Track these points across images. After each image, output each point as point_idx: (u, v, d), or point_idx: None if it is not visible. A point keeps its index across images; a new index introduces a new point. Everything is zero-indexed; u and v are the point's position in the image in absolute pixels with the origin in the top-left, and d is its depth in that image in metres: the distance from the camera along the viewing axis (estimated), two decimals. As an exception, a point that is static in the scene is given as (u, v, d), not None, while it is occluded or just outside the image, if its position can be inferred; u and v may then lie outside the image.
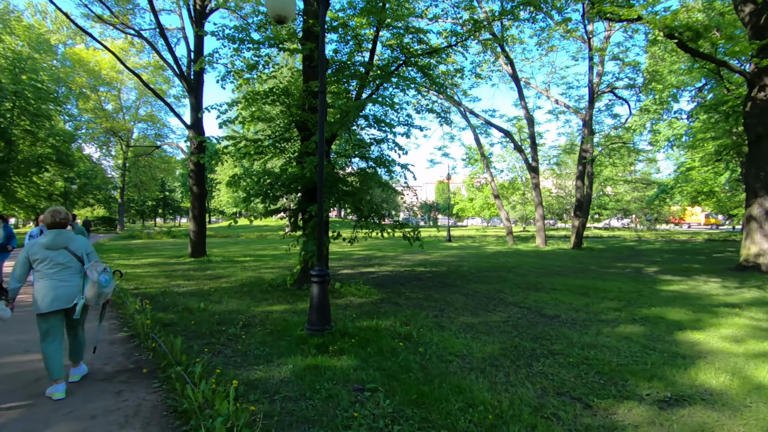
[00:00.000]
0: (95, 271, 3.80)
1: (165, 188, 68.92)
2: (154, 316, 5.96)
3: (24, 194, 34.51)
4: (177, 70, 15.48)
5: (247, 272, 11.82)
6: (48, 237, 3.75)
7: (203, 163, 13.81)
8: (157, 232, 33.74)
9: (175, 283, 9.83)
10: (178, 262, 14.53)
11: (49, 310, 3.61)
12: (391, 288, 9.40)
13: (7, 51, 32.00)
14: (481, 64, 19.61)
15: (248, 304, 7.44)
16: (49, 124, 34.80)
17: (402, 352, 4.72)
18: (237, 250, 19.86)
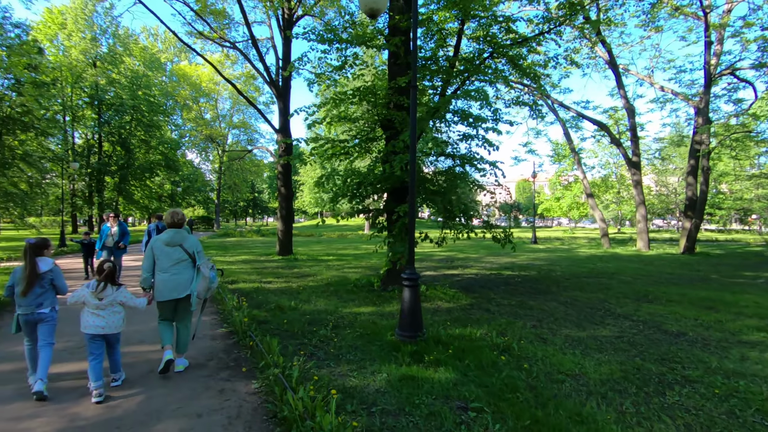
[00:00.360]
0: (207, 268, 4.29)
1: (254, 190, 74.13)
2: (250, 314, 6.13)
3: (139, 196, 39.12)
4: (267, 78, 16.32)
5: (331, 271, 12.02)
6: (167, 235, 4.22)
7: (291, 164, 14.35)
8: (248, 231, 36.26)
9: (266, 281, 10.25)
10: (267, 260, 15.29)
11: (164, 299, 4.17)
12: (479, 293, 8.89)
13: (127, 71, 36.46)
14: (573, 52, 18.06)
15: (336, 304, 7.44)
16: (159, 134, 39.07)
17: (504, 368, 4.28)
18: (320, 249, 20.49)
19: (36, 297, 3.71)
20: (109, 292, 3.75)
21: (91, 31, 33.77)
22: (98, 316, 3.69)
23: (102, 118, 34.72)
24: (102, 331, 3.68)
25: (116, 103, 34.33)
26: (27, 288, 3.66)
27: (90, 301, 3.69)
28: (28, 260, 3.72)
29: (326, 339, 5.30)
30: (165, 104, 39.76)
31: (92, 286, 3.75)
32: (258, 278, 10.66)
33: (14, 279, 3.78)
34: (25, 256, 3.74)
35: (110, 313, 3.74)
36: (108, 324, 3.71)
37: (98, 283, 3.75)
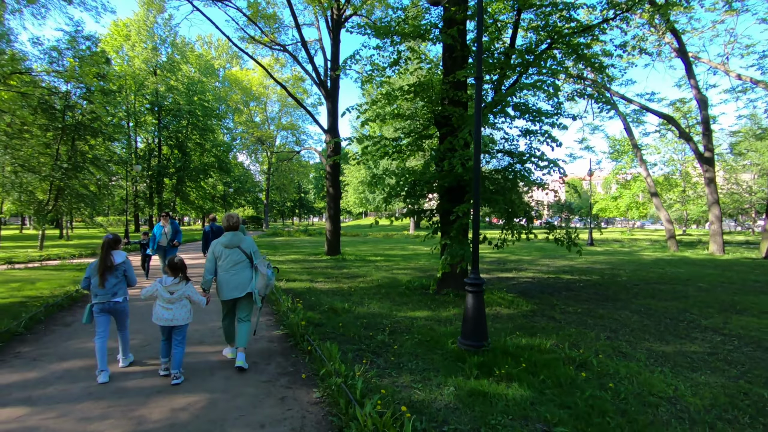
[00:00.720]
0: (264, 267, 4.49)
1: (301, 190, 75.86)
2: (305, 316, 6.03)
3: (194, 197, 41.03)
4: (316, 79, 16.44)
5: (380, 272, 11.84)
6: (226, 237, 4.45)
7: (339, 164, 14.34)
8: (295, 230, 37.03)
9: (317, 281, 10.23)
10: (316, 260, 15.39)
11: (227, 298, 4.41)
12: (539, 298, 8.35)
13: (184, 78, 38.35)
14: (639, 41, 16.76)
15: (389, 307, 7.21)
16: (212, 137, 40.79)
17: (586, 386, 3.84)
18: (367, 249, 20.43)
19: (112, 287, 4.09)
20: (179, 286, 4.07)
21: (152, 42, 35.80)
22: (168, 309, 4.00)
23: (161, 123, 36.73)
24: (170, 323, 3.99)
25: (174, 109, 36.20)
26: (103, 278, 4.03)
27: (162, 295, 4.01)
28: (105, 253, 4.09)
29: (384, 345, 5.07)
30: (218, 108, 41.45)
31: (165, 281, 4.06)
32: (309, 278, 10.67)
33: (90, 271, 4.12)
34: (103, 249, 4.11)
35: (179, 306, 4.05)
36: (176, 317, 4.01)
37: (172, 278, 4.08)
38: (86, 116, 19.07)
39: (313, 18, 18.81)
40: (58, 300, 7.12)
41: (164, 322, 3.98)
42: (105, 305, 4.08)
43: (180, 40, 38.95)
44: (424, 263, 14.47)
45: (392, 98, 8.22)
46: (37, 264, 13.31)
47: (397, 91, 8.25)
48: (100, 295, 4.05)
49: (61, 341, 5.20)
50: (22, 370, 4.21)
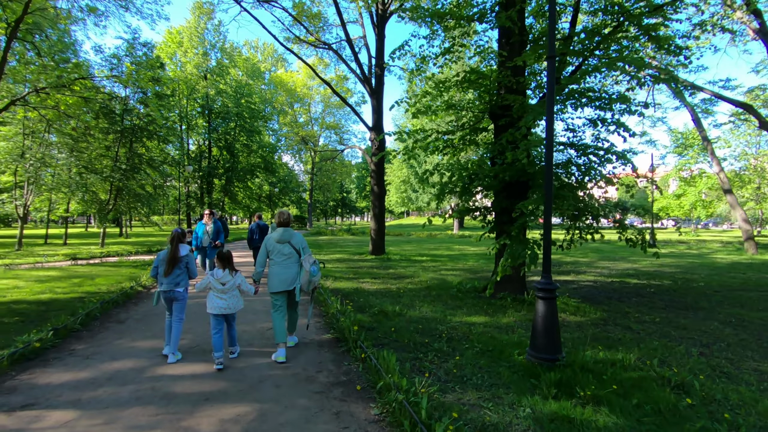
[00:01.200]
0: (308, 263, 4.61)
1: (343, 190, 76.63)
2: (356, 320, 5.70)
3: (242, 196, 42.26)
4: (360, 76, 16.21)
5: (428, 273, 11.38)
6: (278, 233, 4.65)
7: (385, 160, 14.02)
8: (338, 230, 37.21)
9: (364, 281, 9.93)
10: (361, 259, 15.15)
11: (276, 290, 4.60)
12: (607, 304, 7.59)
13: (232, 82, 39.57)
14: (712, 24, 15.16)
15: (442, 311, 6.75)
16: (258, 138, 41.85)
17: (694, 416, 3.22)
18: (411, 249, 20.00)
19: (175, 277, 4.49)
20: (229, 277, 4.37)
21: (203, 47, 37.18)
22: (221, 299, 4.32)
23: (211, 126, 38.09)
24: (223, 311, 4.32)
25: (223, 111, 37.42)
26: (169, 268, 4.43)
27: (216, 287, 4.32)
28: (174, 245, 4.50)
29: (443, 354, 4.63)
30: (264, 110, 42.49)
31: (217, 274, 4.35)
32: (355, 278, 10.40)
33: (158, 261, 4.56)
34: (171, 243, 4.52)
35: (231, 296, 4.37)
36: (229, 305, 4.34)
37: (222, 270, 4.36)
38: (142, 120, 19.93)
39: (357, 15, 18.62)
40: (114, 296, 7.22)
41: (219, 311, 4.29)
42: (168, 293, 4.49)
43: (228, 45, 40.22)
44: (472, 264, 13.85)
45: (444, 88, 7.75)
46: (98, 260, 13.94)
47: (449, 81, 7.76)
48: (165, 283, 4.47)
49: (114, 338, 5.17)
50: (75, 369, 4.14)
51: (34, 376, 3.95)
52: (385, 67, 16.20)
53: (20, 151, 17.67)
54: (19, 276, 10.04)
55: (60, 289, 8.34)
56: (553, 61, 4.26)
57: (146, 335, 5.35)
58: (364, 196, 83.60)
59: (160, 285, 4.53)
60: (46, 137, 18.43)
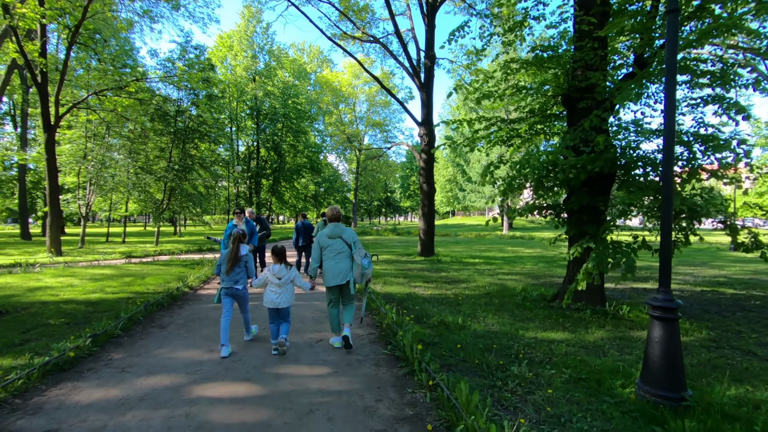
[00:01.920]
0: (360, 256, 4.72)
1: (387, 189, 76.28)
2: (416, 334, 4.99)
3: (288, 196, 42.86)
4: (409, 69, 15.51)
5: (484, 277, 10.47)
6: (329, 228, 4.80)
7: (434, 157, 13.22)
8: (383, 229, 36.71)
9: (416, 285, 9.21)
10: (409, 261, 14.44)
11: (331, 285, 4.74)
12: (708, 320, 6.39)
13: (279, 83, 40.17)
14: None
15: (511, 323, 5.89)
16: (304, 138, 42.27)
17: None
18: (461, 250, 19.03)
19: (235, 275, 4.72)
20: (285, 272, 4.60)
21: (252, 50, 37.98)
22: (275, 293, 4.55)
23: (259, 127, 38.85)
24: (277, 305, 4.53)
25: (270, 113, 38.06)
26: (230, 267, 4.66)
27: (272, 281, 4.56)
28: (234, 246, 4.71)
29: (526, 382, 3.80)
30: (310, 111, 42.88)
31: (273, 269, 4.62)
32: (406, 281, 9.70)
33: (221, 260, 4.82)
34: (233, 243, 4.74)
35: (285, 290, 4.59)
36: (282, 300, 4.55)
37: (279, 265, 4.62)
38: (194, 121, 20.33)
39: (405, 7, 17.96)
40: (159, 298, 6.95)
41: (272, 305, 4.53)
42: (229, 290, 4.71)
43: (276, 48, 40.89)
44: (531, 267, 12.73)
45: (511, 70, 6.86)
46: (151, 259, 14.17)
47: (516, 62, 6.86)
48: (226, 281, 4.70)
49: (154, 347, 4.77)
50: (108, 384, 3.72)
51: (64, 392, 3.55)
52: (435, 59, 15.39)
53: (83, 153, 18.49)
54: (75, 274, 10.19)
55: (111, 288, 8.26)
56: (675, 16, 3.32)
57: (187, 343, 4.92)
58: (408, 195, 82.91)
59: (222, 282, 4.78)
60: (106, 140, 19.21)
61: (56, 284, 8.77)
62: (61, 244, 15.45)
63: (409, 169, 79.30)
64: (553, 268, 12.46)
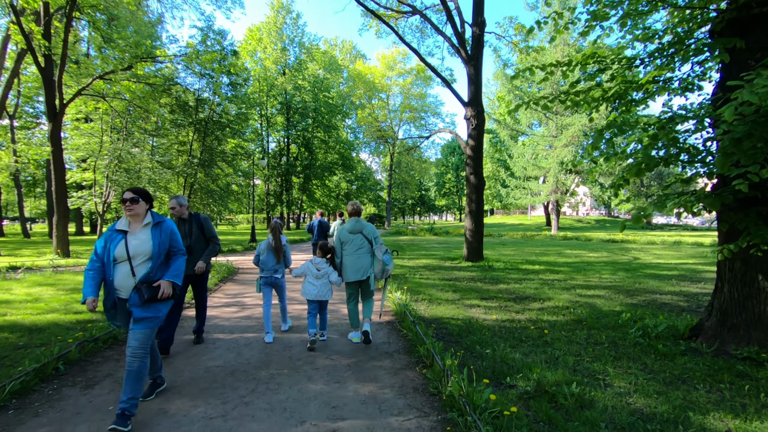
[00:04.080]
0: (381, 252, 4.78)
1: (421, 188, 73.80)
2: (481, 392, 2.69)
3: (319, 194, 41.27)
4: (456, 42, 13.16)
5: (559, 292, 7.98)
6: (350, 223, 4.88)
7: (483, 143, 10.83)
8: (419, 229, 34.32)
9: (472, 304, 6.89)
10: (454, 266, 12.10)
11: (350, 280, 4.79)
12: None
13: (310, 77, 38.61)
14: None
15: (658, 392, 3.46)
16: (336, 134, 40.53)
17: None
18: (512, 254, 16.43)
19: (275, 264, 4.99)
20: (324, 266, 4.76)
21: (281, 42, 36.57)
22: (314, 285, 4.68)
23: (290, 122, 37.42)
24: (315, 297, 4.68)
25: (301, 107, 36.54)
26: (278, 256, 4.97)
27: (312, 271, 4.71)
28: (276, 235, 5.00)
29: None
30: (342, 106, 41.14)
31: (315, 260, 4.76)
32: (457, 298, 7.38)
33: (260, 250, 5.04)
34: (274, 233, 5.01)
35: (322, 284, 4.72)
36: (320, 292, 4.69)
37: (321, 258, 4.77)
38: (215, 111, 18.78)
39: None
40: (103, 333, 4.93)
41: (311, 297, 4.66)
42: (269, 279, 4.96)
43: (306, 39, 39.36)
44: (611, 278, 10.06)
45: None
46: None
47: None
48: (266, 270, 4.96)
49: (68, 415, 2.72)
50: None
51: None
52: (484, 26, 12.93)
53: (98, 147, 17.28)
54: (58, 282, 8.54)
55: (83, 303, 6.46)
56: None
57: (106, 428, 2.83)
58: (443, 194, 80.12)
59: (261, 272, 4.96)
60: (123, 133, 17.94)
61: (22, 297, 7.09)
62: (69, 245, 14.13)
63: (444, 167, 76.51)
64: (642, 280, 9.75)
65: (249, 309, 6.51)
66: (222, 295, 7.62)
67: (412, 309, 6.01)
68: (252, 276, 10.42)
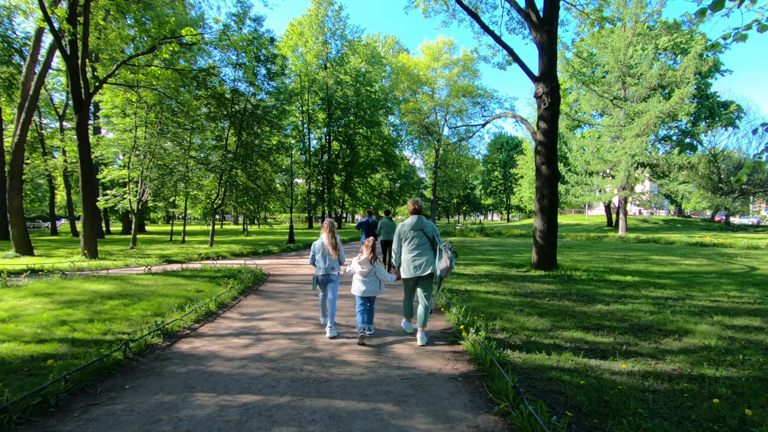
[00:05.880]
0: (445, 249, 4.64)
1: (467, 186, 70.84)
2: None
3: (361, 193, 39.74)
4: (522, 3, 10.93)
5: (691, 320, 5.68)
6: (411, 220, 4.85)
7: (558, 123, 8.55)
8: (468, 230, 31.89)
9: (573, 338, 4.82)
10: (523, 275, 9.92)
11: (408, 276, 4.80)
12: None
13: (352, 70, 37.15)
14: None
15: None
16: (378, 130, 38.83)
17: None
18: (586, 259, 13.90)
19: (331, 262, 5.04)
20: (370, 264, 4.84)
21: (323, 35, 35.35)
22: (363, 282, 4.83)
23: (331, 118, 36.15)
24: (365, 293, 4.82)
25: (343, 102, 35.15)
26: (335, 252, 5.01)
27: (358, 269, 4.87)
28: (331, 234, 5.05)
29: None
30: (384, 100, 39.41)
31: (360, 258, 4.87)
32: (548, 327, 5.30)
33: (314, 250, 5.14)
34: (329, 232, 5.05)
35: (371, 281, 4.86)
36: (369, 289, 4.82)
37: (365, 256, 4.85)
38: (249, 100, 17.53)
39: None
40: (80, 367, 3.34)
41: (360, 293, 4.81)
42: (324, 277, 5.03)
43: (349, 31, 37.95)
44: (748, 297, 7.51)
45: None
46: (181, 266, 11.25)
47: None
48: (322, 268, 5.02)
49: None
50: None
51: None
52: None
53: (132, 143, 16.47)
54: (59, 292, 7.28)
55: (65, 323, 5.07)
56: None
57: None
58: (489, 192, 76.67)
59: (317, 270, 5.06)
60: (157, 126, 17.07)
61: (3, 312, 5.78)
62: (96, 245, 13.22)
63: (491, 164, 73.08)
64: (795, 301, 7.15)
65: (264, 341, 4.73)
66: (236, 316, 5.95)
67: (500, 355, 4.02)
68: (282, 285, 8.80)
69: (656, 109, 23.79)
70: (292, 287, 8.50)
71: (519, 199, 63.72)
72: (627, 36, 26.15)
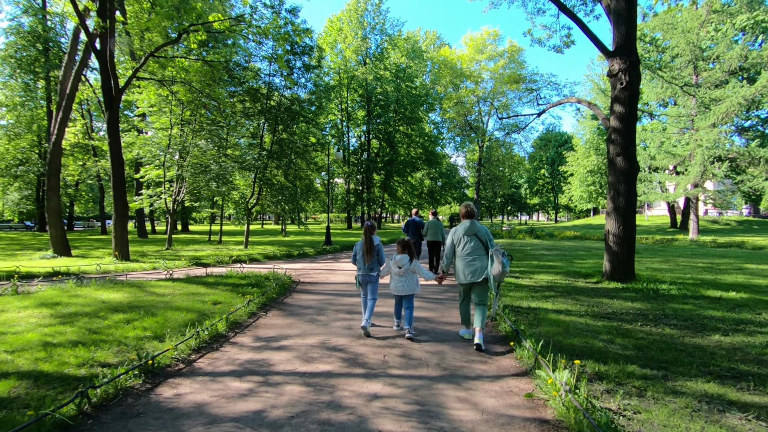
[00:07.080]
0: (500, 255, 4.55)
1: (512, 185, 67.91)
2: None
3: (401, 192, 38.46)
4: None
5: None
6: (465, 225, 4.82)
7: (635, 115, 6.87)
8: (516, 230, 29.81)
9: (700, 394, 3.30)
10: (594, 288, 8.30)
11: (463, 282, 4.76)
12: None
13: (392, 66, 35.96)
14: None
15: None
16: (419, 127, 37.40)
17: None
18: (665, 267, 11.91)
19: (372, 263, 5.11)
20: (405, 262, 4.95)
21: (362, 30, 34.42)
22: (398, 281, 4.96)
23: (371, 115, 35.16)
24: (399, 292, 4.98)
25: (382, 99, 34.06)
26: (369, 256, 5.06)
27: (394, 269, 5.00)
28: (369, 237, 5.07)
29: None
30: (425, 96, 37.94)
31: (395, 257, 5.01)
32: (659, 374, 3.77)
33: (356, 250, 5.22)
34: (366, 234, 5.09)
35: (407, 279, 4.96)
36: (404, 287, 4.94)
37: (401, 255, 4.99)
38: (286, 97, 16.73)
39: None
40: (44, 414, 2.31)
41: (396, 291, 4.99)
42: (365, 277, 5.11)
43: (389, 26, 36.81)
44: None
45: None
46: (208, 271, 10.46)
47: None
48: (362, 269, 5.12)
49: None
50: None
51: None
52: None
53: (167, 142, 16.10)
54: (69, 301, 6.54)
55: (50, 346, 4.11)
56: None
57: None
58: (535, 191, 73.17)
59: (358, 270, 5.17)
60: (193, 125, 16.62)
61: None
62: (128, 246, 12.78)
63: (537, 161, 69.61)
64: None
65: (272, 387, 3.50)
66: (247, 342, 4.83)
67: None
68: (311, 296, 7.70)
69: (738, 95, 20.82)
70: (322, 300, 7.37)
71: (569, 198, 60.15)
72: (701, 14, 23.22)
